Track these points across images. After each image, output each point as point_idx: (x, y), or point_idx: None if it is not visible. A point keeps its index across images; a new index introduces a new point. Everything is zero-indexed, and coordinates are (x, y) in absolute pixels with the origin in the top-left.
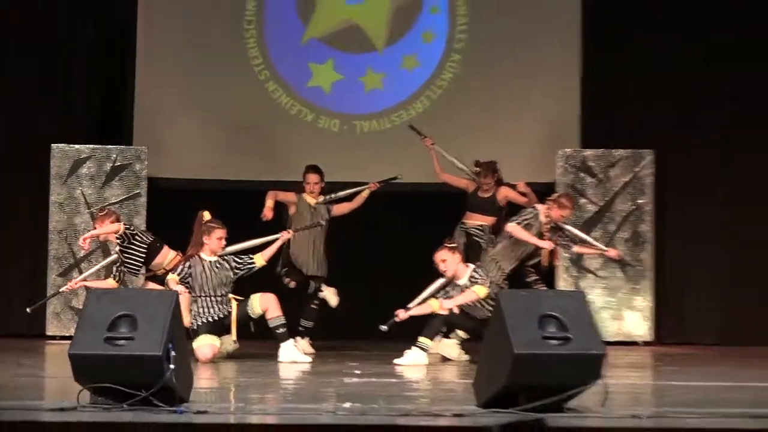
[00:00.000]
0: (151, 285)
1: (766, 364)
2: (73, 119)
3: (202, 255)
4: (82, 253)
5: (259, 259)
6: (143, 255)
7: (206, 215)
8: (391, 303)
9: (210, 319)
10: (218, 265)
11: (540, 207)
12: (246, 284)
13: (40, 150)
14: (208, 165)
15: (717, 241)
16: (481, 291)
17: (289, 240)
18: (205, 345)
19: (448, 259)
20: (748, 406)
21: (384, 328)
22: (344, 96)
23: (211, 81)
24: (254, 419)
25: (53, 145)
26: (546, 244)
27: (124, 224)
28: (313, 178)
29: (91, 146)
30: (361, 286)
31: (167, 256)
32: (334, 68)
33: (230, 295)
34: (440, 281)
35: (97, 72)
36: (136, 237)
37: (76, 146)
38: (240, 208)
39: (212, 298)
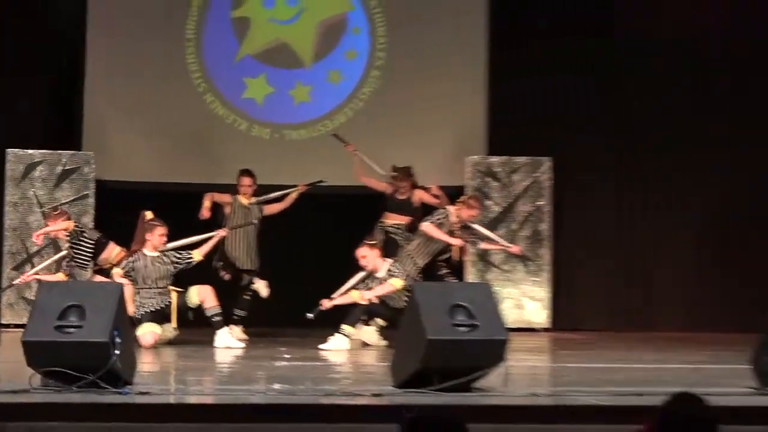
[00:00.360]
0: (99, 278)
1: (648, 347)
2: (26, 126)
3: (145, 250)
4: (34, 249)
5: (197, 255)
6: (91, 251)
7: (148, 214)
8: (316, 294)
9: (152, 309)
10: (159, 260)
11: (451, 208)
12: (185, 277)
13: None
14: (151, 169)
15: (607, 238)
16: (397, 283)
17: (224, 237)
18: (147, 332)
19: (368, 255)
20: (633, 385)
21: (310, 316)
22: (275, 107)
23: (154, 92)
24: (192, 399)
25: (8, 150)
26: (456, 242)
27: (74, 223)
28: (246, 181)
29: (43, 151)
30: (290, 278)
31: (113, 251)
32: (266, 82)
33: (170, 287)
34: (361, 274)
35: (48, 82)
36: (84, 234)
37: (30, 151)
38: (180, 208)
39: (154, 290)
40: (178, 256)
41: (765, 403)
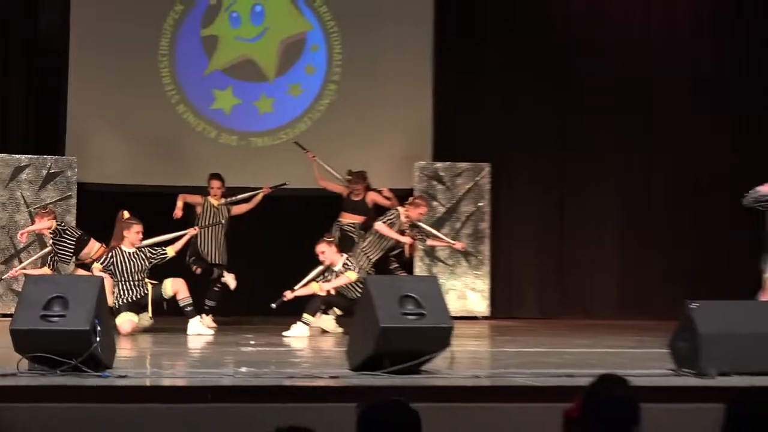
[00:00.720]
0: (80, 272)
1: (577, 333)
2: (13, 133)
3: (123, 247)
4: (22, 245)
5: (170, 251)
6: (73, 246)
7: (126, 214)
8: (279, 286)
9: (129, 300)
10: (136, 255)
11: (401, 209)
12: (159, 271)
13: None
14: (128, 172)
15: (540, 235)
16: (352, 276)
17: (195, 235)
18: (125, 321)
19: (326, 250)
20: (564, 367)
21: (274, 305)
22: (241, 117)
23: (131, 102)
24: (166, 381)
25: None
26: (406, 239)
27: (56, 221)
28: (215, 183)
29: (30, 156)
30: (256, 272)
31: (93, 247)
32: (233, 94)
33: (146, 280)
34: (320, 268)
35: (33, 92)
36: (67, 231)
37: (17, 156)
38: (154, 208)
39: (131, 283)
40: (153, 251)
41: (680, 383)
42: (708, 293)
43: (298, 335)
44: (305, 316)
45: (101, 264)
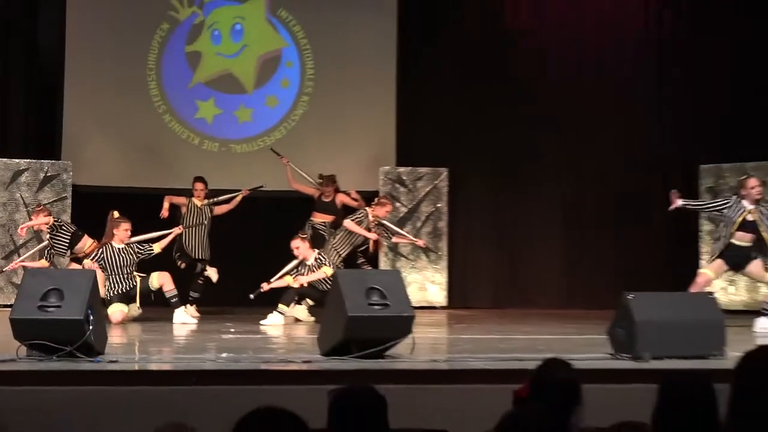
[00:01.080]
0: (74, 265)
1: (525, 321)
2: (12, 138)
3: (113, 243)
4: (21, 241)
5: (157, 247)
6: (68, 241)
7: (116, 213)
8: (257, 279)
9: (120, 291)
10: (125, 251)
11: (368, 209)
12: (147, 265)
13: None
14: (119, 175)
15: (493, 233)
16: (328, 271)
17: (181, 233)
18: (116, 311)
19: (300, 246)
20: (514, 352)
21: (252, 296)
22: (222, 125)
23: (121, 111)
24: (153, 366)
25: None
26: (372, 236)
27: (53, 218)
28: (199, 186)
29: (28, 160)
30: (236, 266)
31: (86, 242)
32: (214, 105)
33: (135, 273)
34: (294, 262)
35: (31, 101)
36: (63, 227)
37: (16, 160)
38: (143, 209)
39: (121, 276)
40: (141, 247)
41: (618, 366)
42: (643, 285)
43: (274, 324)
44: (280, 306)
45: (93, 259)
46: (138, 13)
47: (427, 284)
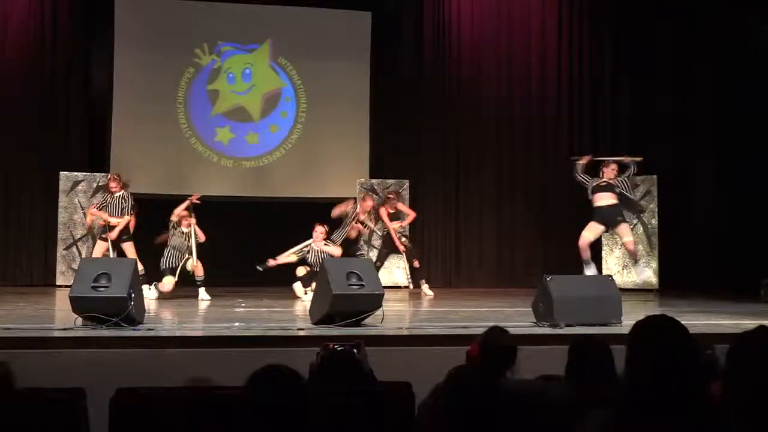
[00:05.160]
0: (127, 247)
1: (469, 298)
2: (73, 156)
3: (183, 228)
4: (78, 236)
5: (202, 237)
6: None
7: (184, 212)
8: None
9: (172, 266)
10: (183, 238)
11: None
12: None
13: (50, 173)
14: (154, 185)
15: (444, 228)
16: (337, 252)
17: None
18: (168, 282)
19: (322, 231)
20: (462, 321)
21: (259, 268)
22: (235, 147)
23: (157, 136)
24: (180, 333)
25: (61, 172)
26: (354, 231)
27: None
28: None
29: (84, 173)
30: (249, 258)
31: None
32: (230, 131)
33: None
34: (301, 244)
35: (87, 128)
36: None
37: (75, 173)
38: (171, 210)
39: (175, 256)
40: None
41: (540, 332)
42: (559, 269)
43: (302, 295)
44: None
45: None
46: (170, 59)
47: (393, 269)
